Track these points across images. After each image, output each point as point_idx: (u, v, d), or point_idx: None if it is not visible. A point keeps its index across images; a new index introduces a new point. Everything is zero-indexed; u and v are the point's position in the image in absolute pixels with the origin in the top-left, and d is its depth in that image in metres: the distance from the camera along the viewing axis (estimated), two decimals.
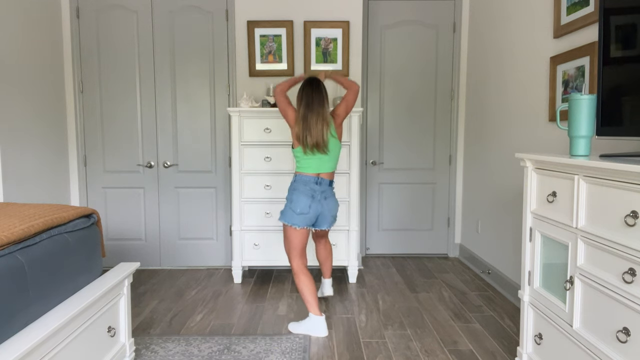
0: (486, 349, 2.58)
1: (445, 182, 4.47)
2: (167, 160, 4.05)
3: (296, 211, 2.76)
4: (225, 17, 3.94)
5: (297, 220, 2.77)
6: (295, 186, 2.81)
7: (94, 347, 1.97)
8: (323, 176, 2.84)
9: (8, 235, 1.63)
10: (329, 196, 2.87)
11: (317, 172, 2.82)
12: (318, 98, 2.78)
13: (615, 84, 1.77)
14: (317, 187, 2.80)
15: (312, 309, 2.77)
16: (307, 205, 2.76)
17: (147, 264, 4.13)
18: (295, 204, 2.76)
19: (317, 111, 2.77)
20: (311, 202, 2.77)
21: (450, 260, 4.38)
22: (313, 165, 2.81)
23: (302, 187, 2.79)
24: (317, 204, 2.79)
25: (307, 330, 2.76)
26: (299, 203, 2.76)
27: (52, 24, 3.77)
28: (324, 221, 2.88)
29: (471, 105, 4.19)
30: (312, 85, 2.82)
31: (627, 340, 1.46)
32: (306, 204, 2.76)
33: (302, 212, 2.76)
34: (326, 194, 2.85)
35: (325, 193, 2.84)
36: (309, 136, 2.75)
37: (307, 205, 2.76)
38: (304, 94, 2.81)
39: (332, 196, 2.89)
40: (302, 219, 2.77)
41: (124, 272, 2.24)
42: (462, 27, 4.29)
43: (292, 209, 2.77)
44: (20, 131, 3.38)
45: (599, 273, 1.60)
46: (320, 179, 2.82)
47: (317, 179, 2.81)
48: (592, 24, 2.43)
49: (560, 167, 1.83)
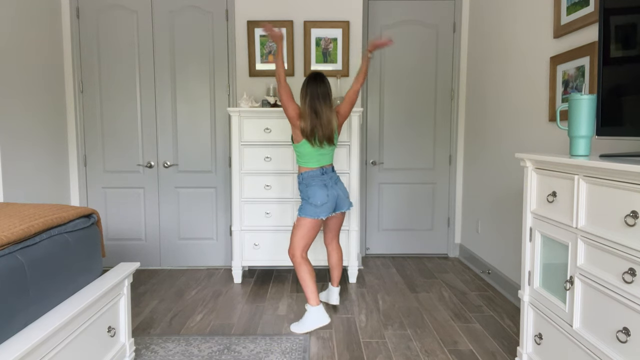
0: (486, 349, 2.58)
1: (445, 182, 4.47)
2: (167, 160, 4.05)
3: (317, 204, 2.82)
4: (225, 17, 3.94)
5: (321, 211, 2.83)
6: (308, 182, 2.87)
7: (94, 347, 1.97)
8: (326, 167, 2.92)
9: (8, 235, 1.62)
10: (337, 180, 2.97)
11: (320, 165, 2.89)
12: (323, 92, 2.81)
13: (615, 84, 1.77)
14: (325, 177, 2.89)
15: (311, 300, 2.81)
16: (325, 195, 2.84)
17: (147, 264, 4.13)
18: (314, 197, 2.82)
19: (325, 105, 2.81)
20: (327, 190, 2.86)
21: (450, 260, 4.38)
22: (317, 159, 2.87)
23: (313, 181, 2.86)
24: (332, 190, 2.88)
25: (310, 324, 2.76)
26: (317, 196, 2.82)
27: (52, 24, 3.77)
28: (343, 203, 2.97)
29: (471, 105, 4.19)
30: (316, 80, 2.83)
31: (627, 340, 1.46)
32: (324, 194, 2.83)
33: (323, 202, 2.83)
34: (334, 179, 2.95)
35: (334, 178, 2.95)
36: (320, 130, 2.79)
37: (325, 194, 2.84)
38: (309, 88, 2.82)
39: (339, 180, 3.00)
40: (326, 209, 2.85)
41: (124, 272, 2.24)
42: (462, 27, 4.29)
43: (313, 203, 2.82)
44: (21, 131, 3.38)
45: (599, 273, 1.60)
46: (324, 169, 2.90)
47: (322, 169, 2.89)
48: (592, 24, 2.43)
49: (560, 167, 1.83)
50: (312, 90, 2.80)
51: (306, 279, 2.84)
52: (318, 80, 2.83)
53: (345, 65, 3.95)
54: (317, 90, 2.80)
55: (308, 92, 2.81)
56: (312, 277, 2.85)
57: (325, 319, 2.77)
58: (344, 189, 2.99)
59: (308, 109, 2.79)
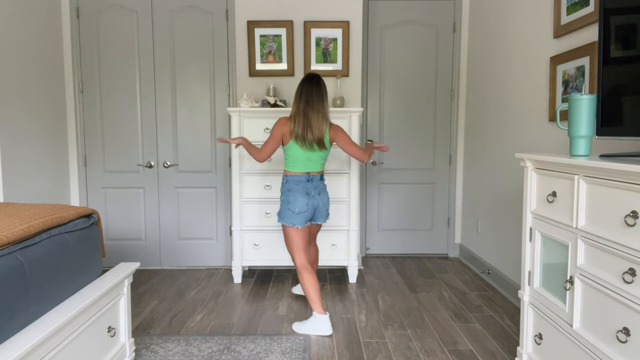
0: (486, 349, 2.58)
1: (445, 182, 4.47)
2: (167, 160, 4.05)
3: (295, 211, 2.78)
4: (225, 17, 3.94)
5: (297, 219, 2.79)
6: (289, 187, 2.83)
7: (94, 347, 1.97)
8: (313, 174, 2.86)
9: (8, 235, 1.63)
10: (322, 191, 2.91)
11: (307, 171, 2.84)
12: (318, 94, 2.79)
13: (615, 84, 1.77)
14: (309, 185, 2.84)
15: (316, 308, 2.78)
16: (304, 204, 2.79)
17: (147, 264, 4.13)
18: (293, 204, 2.79)
19: (317, 108, 2.77)
20: (307, 199, 2.81)
21: (450, 260, 4.38)
22: (304, 164, 2.83)
23: (296, 187, 2.81)
24: (312, 199, 2.84)
25: (312, 329, 2.76)
26: (296, 203, 2.78)
27: (52, 24, 3.77)
28: (320, 215, 2.93)
29: (471, 105, 4.19)
30: (311, 82, 2.81)
31: (627, 340, 1.46)
32: (303, 202, 2.79)
33: (301, 210, 2.78)
34: (319, 189, 2.89)
35: (319, 188, 2.88)
36: (309, 132, 2.75)
37: (305, 203, 2.80)
38: (303, 90, 2.81)
39: (324, 191, 2.93)
40: (302, 218, 2.80)
41: (124, 272, 2.24)
42: (462, 27, 4.29)
43: (291, 209, 2.79)
44: (21, 131, 3.38)
45: (599, 273, 1.60)
46: (311, 176, 2.84)
47: (308, 176, 2.84)
48: (592, 24, 2.43)
49: (560, 167, 1.83)
50: (307, 94, 2.78)
51: (308, 288, 2.81)
52: (314, 83, 2.80)
53: (345, 65, 3.95)
54: (311, 94, 2.78)
55: (303, 94, 2.79)
56: (314, 287, 2.81)
57: (328, 330, 2.74)
58: (326, 200, 2.92)
59: (301, 112, 2.77)
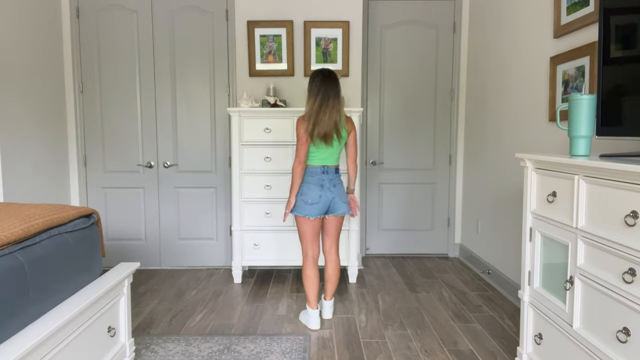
0: (486, 349, 2.58)
1: (445, 182, 4.47)
2: (167, 160, 4.05)
3: (307, 202, 2.81)
4: (225, 17, 3.94)
5: (310, 210, 2.81)
6: (305, 179, 2.85)
7: (94, 347, 1.97)
8: (329, 167, 2.87)
9: (8, 235, 1.62)
10: (337, 183, 2.89)
11: (323, 164, 2.86)
12: (334, 90, 2.77)
13: (615, 84, 1.77)
14: (325, 177, 2.85)
15: (308, 302, 2.91)
16: (317, 195, 2.81)
17: (147, 264, 4.13)
18: (306, 195, 2.81)
19: (331, 104, 2.76)
20: (321, 191, 2.82)
21: (450, 260, 4.38)
22: (318, 157, 2.84)
23: (310, 178, 2.83)
24: (327, 191, 2.83)
25: (304, 320, 2.94)
26: (309, 194, 2.81)
27: (52, 24, 3.77)
28: (337, 206, 2.88)
29: (471, 105, 4.19)
30: (330, 78, 2.79)
31: (627, 340, 1.46)
32: (316, 194, 2.81)
33: (314, 202, 2.80)
34: (334, 182, 2.88)
35: (334, 181, 2.88)
36: (317, 127, 2.75)
37: (318, 195, 2.81)
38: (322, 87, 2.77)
39: (340, 183, 2.92)
40: (315, 209, 2.81)
41: (124, 272, 2.24)
42: (462, 27, 4.29)
43: (304, 200, 2.81)
44: (21, 131, 3.38)
45: (599, 273, 1.60)
46: (326, 168, 2.85)
47: (324, 168, 2.85)
48: (592, 24, 2.43)
49: (560, 167, 1.83)
50: (325, 91, 2.75)
51: (304, 282, 2.92)
52: (332, 78, 2.78)
53: (345, 65, 3.95)
54: (329, 92, 2.75)
55: (321, 91, 2.76)
56: (313, 285, 2.89)
57: (314, 325, 2.85)
58: (342, 193, 2.90)
59: (316, 110, 2.74)
